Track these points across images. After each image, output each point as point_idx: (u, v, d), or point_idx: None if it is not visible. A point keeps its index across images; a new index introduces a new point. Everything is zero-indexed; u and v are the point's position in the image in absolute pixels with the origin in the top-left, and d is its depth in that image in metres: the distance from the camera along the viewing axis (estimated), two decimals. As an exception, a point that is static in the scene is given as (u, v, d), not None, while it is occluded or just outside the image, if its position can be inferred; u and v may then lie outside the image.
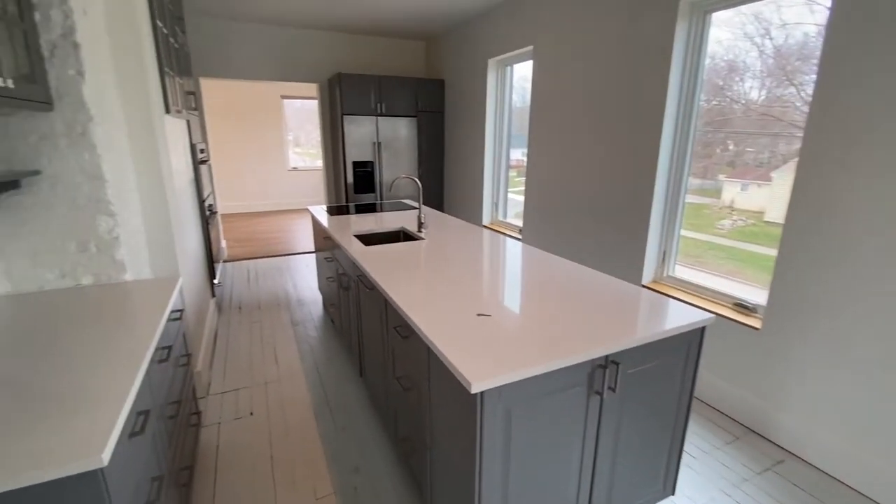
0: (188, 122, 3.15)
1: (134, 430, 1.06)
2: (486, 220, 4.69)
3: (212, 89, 7.41)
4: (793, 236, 1.97)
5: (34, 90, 1.44)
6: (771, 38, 2.29)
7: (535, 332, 1.32)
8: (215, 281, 3.67)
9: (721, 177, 2.56)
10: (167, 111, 2.29)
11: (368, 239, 2.72)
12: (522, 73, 4.13)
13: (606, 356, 1.28)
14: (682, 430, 1.57)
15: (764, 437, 2.17)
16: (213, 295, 3.59)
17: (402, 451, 1.85)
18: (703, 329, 1.47)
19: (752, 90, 2.42)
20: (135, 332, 1.35)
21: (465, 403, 1.15)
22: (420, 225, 2.66)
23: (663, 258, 2.74)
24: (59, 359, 1.18)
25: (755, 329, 2.16)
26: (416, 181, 2.65)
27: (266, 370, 2.78)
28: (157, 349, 1.37)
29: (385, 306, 1.75)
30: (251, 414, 2.33)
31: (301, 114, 8.94)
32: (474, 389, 1.06)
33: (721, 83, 2.52)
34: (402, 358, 1.65)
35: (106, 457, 0.85)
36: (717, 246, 2.58)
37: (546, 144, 3.55)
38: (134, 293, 1.69)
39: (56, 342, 1.27)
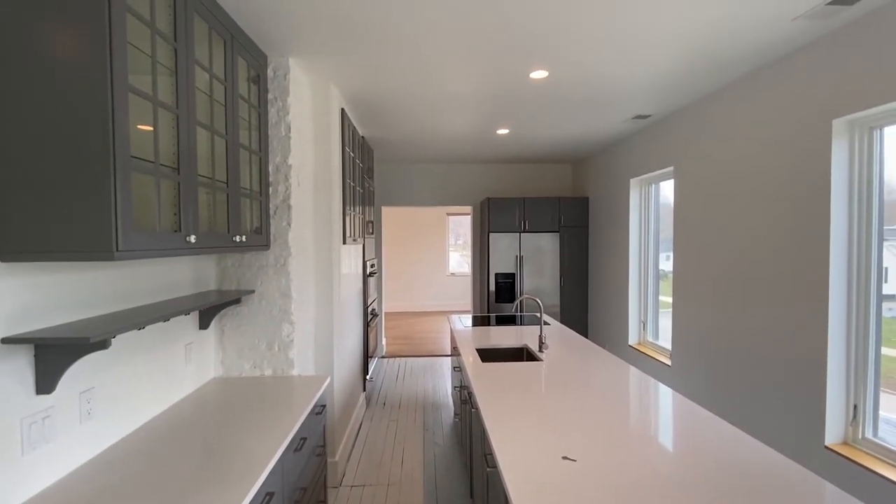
0: (364, 245, 3.98)
1: (258, 509, 1.35)
2: (632, 341, 4.35)
3: (391, 212, 9.08)
4: None
5: (260, 239, 2.13)
6: None
7: (620, 492, 1.22)
8: (368, 377, 4.21)
9: None
10: (344, 242, 2.99)
11: (488, 354, 2.85)
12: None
13: (703, 538, 1.10)
14: None
15: None
16: (364, 389, 4.09)
17: None
18: (863, 530, 1.13)
19: None
20: (284, 420, 1.72)
21: (526, 555, 1.12)
22: (541, 345, 2.69)
23: (854, 415, 2.13)
24: (237, 434, 1.59)
25: None
26: (536, 301, 2.76)
27: (392, 471, 2.98)
28: (294, 439, 1.72)
29: (483, 432, 1.82)
30: (369, 513, 2.51)
31: (470, 224, 10.10)
32: (527, 541, 1.04)
33: None
34: (492, 490, 1.66)
35: (229, 527, 1.12)
36: None
37: (693, 262, 3.28)
38: (295, 386, 2.14)
39: (239, 420, 1.72)
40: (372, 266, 4.46)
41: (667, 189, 4.03)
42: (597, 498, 1.19)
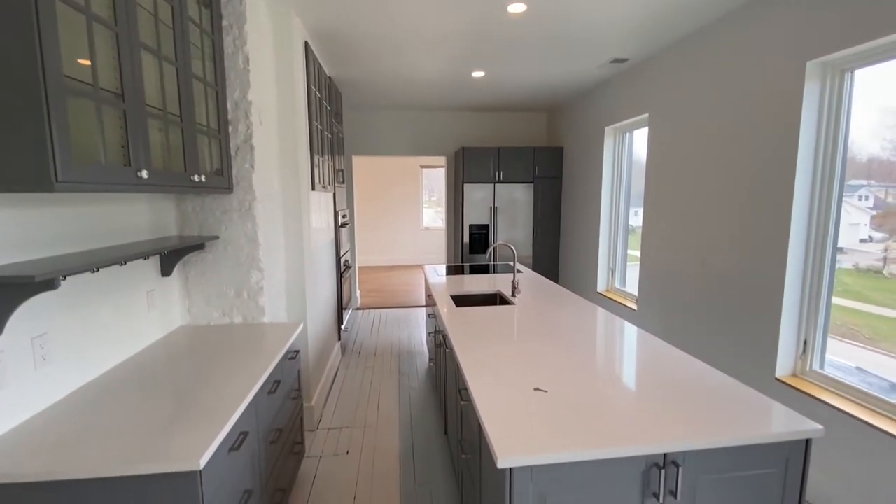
0: (334, 193, 3.85)
1: (233, 446, 1.34)
2: (601, 287, 4.49)
3: (362, 163, 8.80)
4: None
5: (221, 181, 2.01)
6: None
7: (590, 417, 1.27)
8: (343, 327, 4.21)
9: None
10: (313, 188, 2.88)
11: (462, 300, 2.88)
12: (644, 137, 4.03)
13: (664, 455, 1.17)
14: (789, 568, 1.27)
15: None
16: (339, 338, 4.11)
17: (466, 518, 1.85)
18: (806, 442, 1.22)
19: None
20: (257, 364, 1.70)
21: (498, 479, 1.17)
22: (514, 290, 2.73)
23: (804, 349, 2.29)
24: (207, 379, 1.56)
25: (933, 456, 1.65)
26: (510, 247, 2.77)
27: (368, 414, 3.05)
28: (267, 382, 1.70)
29: (458, 369, 1.86)
30: (347, 453, 2.58)
31: (444, 179, 9.94)
32: (500, 464, 1.08)
33: None
34: (466, 422, 1.71)
35: (202, 462, 1.11)
36: None
37: (662, 211, 3.35)
38: (267, 333, 2.11)
39: (209, 365, 1.68)
40: (344, 217, 4.35)
41: (640, 144, 4.02)
42: (566, 421, 1.24)
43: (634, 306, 3.79)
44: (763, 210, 2.42)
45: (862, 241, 2.23)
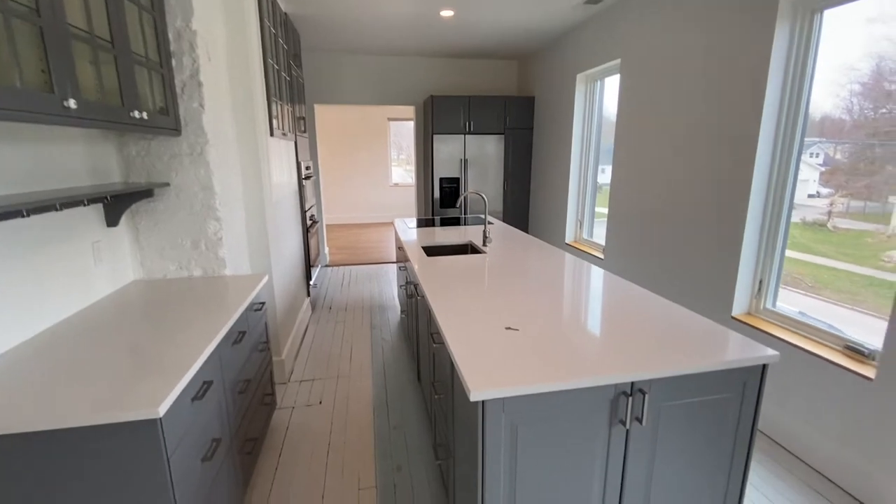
0: (296, 143, 3.64)
1: (196, 395, 1.29)
2: (569, 238, 4.55)
3: (327, 114, 8.37)
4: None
5: (167, 121, 1.83)
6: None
7: (559, 351, 1.29)
8: (312, 283, 4.12)
9: (893, 199, 2.10)
10: (271, 134, 2.69)
11: (433, 250, 2.85)
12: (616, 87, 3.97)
13: (632, 383, 1.20)
14: (739, 480, 1.38)
15: (878, 515, 1.77)
16: (309, 294, 4.03)
17: (438, 455, 1.90)
18: (763, 368, 1.28)
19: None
20: (219, 315, 1.62)
21: (471, 413, 1.18)
22: (485, 239, 2.71)
23: (759, 289, 2.41)
24: (163, 331, 1.48)
25: (868, 379, 1.79)
26: (481, 196, 2.72)
27: (341, 366, 3.05)
28: (231, 332, 1.64)
29: (429, 314, 1.84)
30: (320, 403, 2.58)
31: (412, 134, 9.63)
32: (473, 397, 1.08)
33: (893, 87, 2.10)
34: (438, 365, 1.72)
35: (162, 410, 1.06)
36: (882, 282, 2.04)
37: (632, 158, 3.36)
38: (229, 286, 2.01)
39: (167, 318, 1.59)
40: (308, 169, 4.15)
41: (610, 99, 3.96)
42: (537, 356, 1.25)
43: (601, 255, 3.87)
44: (729, 157, 2.45)
45: (810, 196, 2.31)
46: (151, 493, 1.11)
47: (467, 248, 2.92)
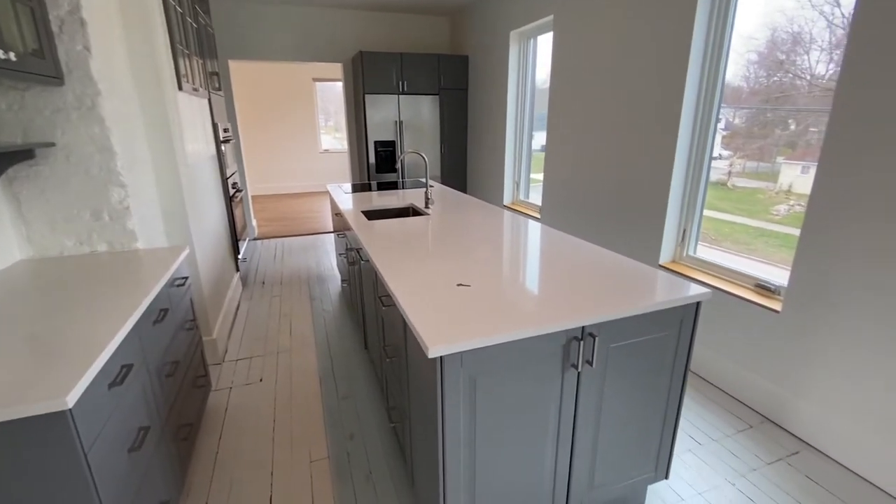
0: (210, 101, 3.26)
1: (114, 381, 1.13)
2: (506, 200, 4.61)
3: (243, 72, 7.64)
4: (815, 217, 1.80)
5: (42, 65, 1.52)
6: (840, 6, 2.03)
7: (512, 303, 1.28)
8: (240, 257, 3.83)
9: (780, 159, 2.31)
10: (180, 88, 2.37)
11: (374, 214, 2.73)
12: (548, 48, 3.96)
13: (582, 328, 1.23)
14: (675, 410, 1.49)
15: (780, 427, 2.04)
16: (238, 269, 3.74)
17: (392, 419, 1.88)
18: (697, 305, 1.38)
19: (819, 64, 2.16)
20: (133, 294, 1.42)
21: (429, 370, 1.15)
22: (427, 201, 2.64)
23: (682, 238, 2.59)
24: (65, 316, 1.26)
25: (775, 312, 2.01)
26: (422, 156, 2.63)
27: (280, 341, 2.89)
28: (150, 310, 1.45)
29: (376, 277, 1.76)
30: (260, 380, 2.44)
31: (340, 97, 9.06)
32: (431, 354, 1.04)
33: (783, 57, 2.25)
34: (388, 328, 1.66)
35: (71, 400, 0.90)
36: (770, 233, 2.33)
37: (565, 120, 3.41)
38: (143, 261, 1.78)
39: (69, 299, 1.37)
40: (226, 131, 3.76)
41: (542, 69, 3.96)
42: (491, 310, 1.23)
43: (538, 215, 3.96)
44: (657, 116, 2.55)
45: (714, 158, 2.50)
46: (71, 490, 0.96)
47: (409, 211, 2.83)
